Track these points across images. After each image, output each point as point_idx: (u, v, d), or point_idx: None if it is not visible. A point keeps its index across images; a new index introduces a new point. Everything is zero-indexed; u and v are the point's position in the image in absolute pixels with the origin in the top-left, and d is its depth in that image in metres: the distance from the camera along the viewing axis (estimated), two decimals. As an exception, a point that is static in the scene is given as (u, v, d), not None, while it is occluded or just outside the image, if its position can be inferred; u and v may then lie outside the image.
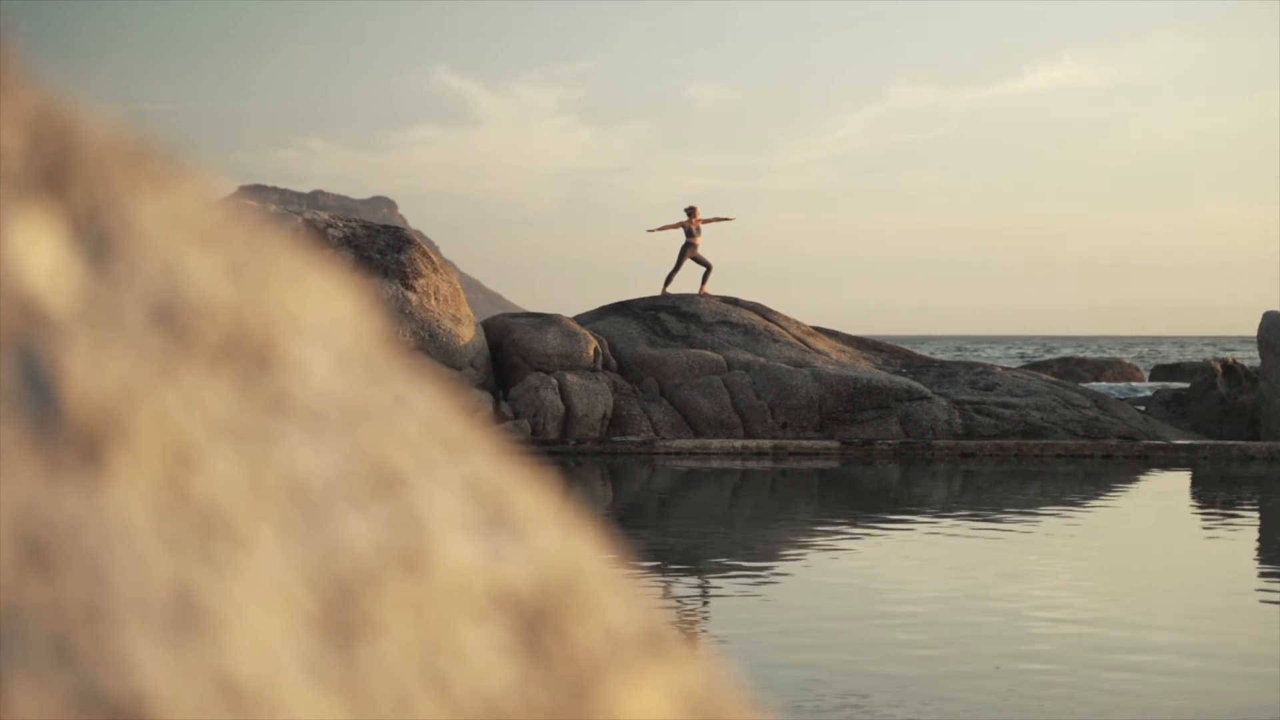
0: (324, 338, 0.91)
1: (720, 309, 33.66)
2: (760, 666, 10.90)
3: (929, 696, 10.07)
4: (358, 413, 0.89)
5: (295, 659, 0.77)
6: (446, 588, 0.85)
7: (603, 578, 0.94)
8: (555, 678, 0.85)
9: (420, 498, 0.88)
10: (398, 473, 0.88)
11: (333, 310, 0.94)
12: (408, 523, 0.86)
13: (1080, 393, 32.45)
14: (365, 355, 0.94)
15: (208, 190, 0.93)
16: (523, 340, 31.42)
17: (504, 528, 0.90)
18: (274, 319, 0.89)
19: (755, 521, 20.90)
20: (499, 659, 0.84)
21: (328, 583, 0.81)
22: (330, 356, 0.91)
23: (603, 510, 22.54)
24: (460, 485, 0.91)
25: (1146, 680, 10.46)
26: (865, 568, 15.75)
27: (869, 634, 12.07)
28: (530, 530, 0.92)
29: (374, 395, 0.91)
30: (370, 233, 32.41)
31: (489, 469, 0.94)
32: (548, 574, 0.90)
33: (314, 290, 0.93)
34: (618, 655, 0.89)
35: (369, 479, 0.86)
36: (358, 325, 0.95)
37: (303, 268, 0.94)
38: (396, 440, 0.90)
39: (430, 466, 0.90)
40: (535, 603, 0.88)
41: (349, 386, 0.90)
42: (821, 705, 9.92)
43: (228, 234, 0.91)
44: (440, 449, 0.93)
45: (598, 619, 0.90)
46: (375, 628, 0.81)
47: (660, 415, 30.99)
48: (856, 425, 30.81)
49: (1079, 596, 14.04)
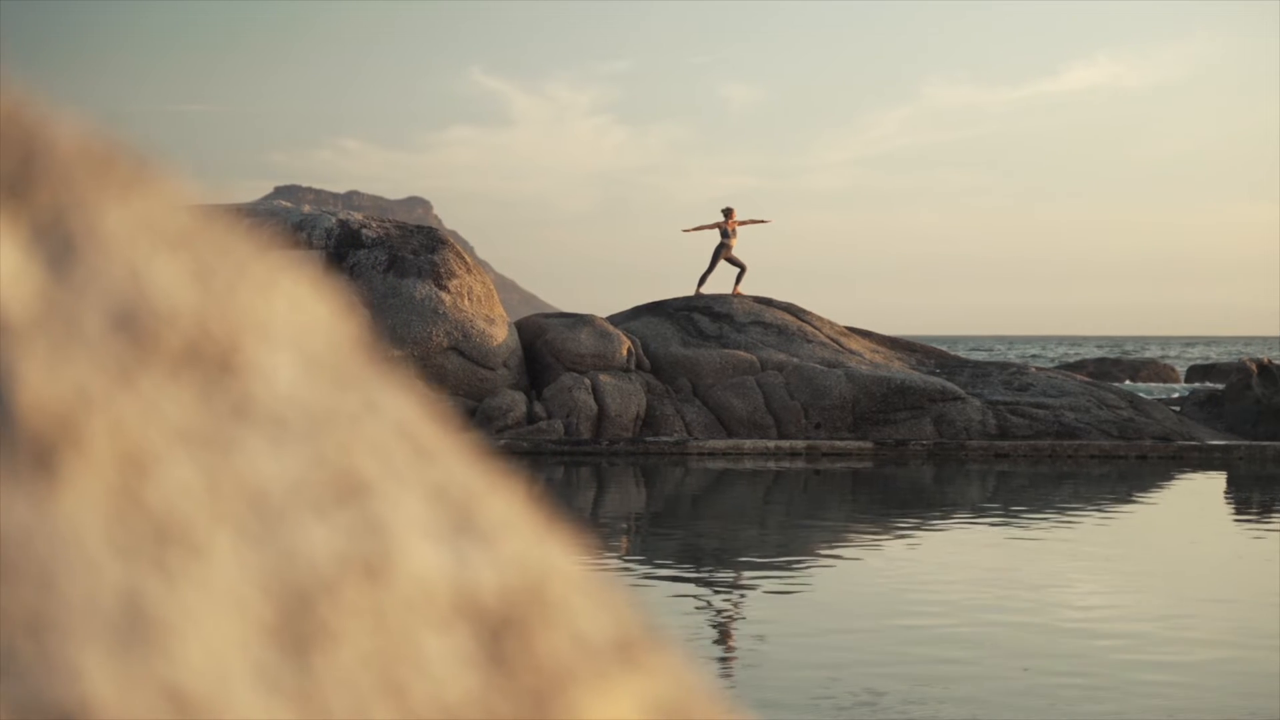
0: (291, 343, 0.91)
1: (754, 309, 33.64)
2: (787, 665, 10.89)
3: (949, 697, 10.04)
4: (323, 419, 0.88)
5: (248, 668, 0.77)
6: (408, 595, 0.84)
7: (574, 585, 0.93)
8: (518, 686, 0.85)
9: (385, 504, 0.87)
10: (362, 479, 0.87)
11: (303, 315, 0.93)
12: (370, 530, 0.85)
13: (1115, 393, 32.36)
14: (335, 361, 0.93)
15: (179, 195, 0.93)
16: (556, 340, 31.43)
17: (471, 535, 0.90)
18: (240, 324, 0.89)
19: (788, 522, 20.87)
20: (460, 667, 0.84)
21: (285, 591, 0.80)
22: (297, 362, 0.90)
23: (635, 511, 22.54)
24: (428, 492, 0.90)
25: (1175, 683, 10.41)
26: (897, 568, 15.72)
27: (896, 634, 12.04)
28: (499, 537, 0.91)
29: (342, 401, 0.91)
30: (404, 233, 32.44)
31: (460, 475, 0.94)
32: (514, 581, 0.89)
33: (284, 295, 0.93)
34: (585, 663, 0.88)
35: (332, 486, 0.86)
36: (329, 330, 0.95)
37: (273, 273, 0.93)
38: (363, 446, 0.89)
39: (398, 473, 0.90)
40: (500, 610, 0.87)
41: (316, 392, 0.90)
42: (839, 704, 9.91)
43: (196, 239, 0.90)
44: (410, 455, 0.92)
45: (565, 627, 0.90)
46: (333, 636, 0.80)
47: (693, 416, 30.97)
48: (890, 426, 30.76)
49: (1111, 598, 13.99)
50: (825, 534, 19.28)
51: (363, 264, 31.28)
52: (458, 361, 30.49)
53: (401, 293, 30.80)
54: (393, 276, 31.06)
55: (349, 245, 31.69)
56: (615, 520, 21.27)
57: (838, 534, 19.23)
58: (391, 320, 30.43)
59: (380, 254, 31.49)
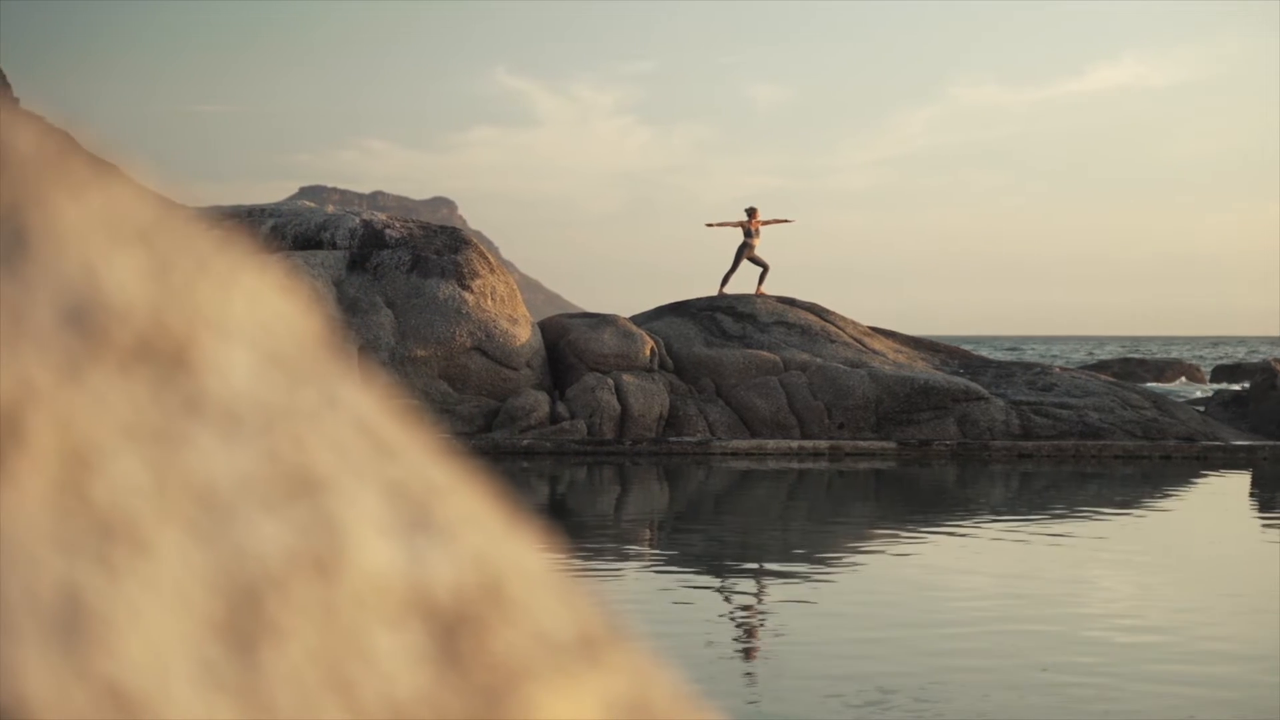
0: (249, 339, 0.90)
1: (777, 309, 33.61)
2: (801, 663, 10.88)
3: (961, 696, 10.03)
4: (279, 415, 0.88)
5: (191, 664, 0.76)
6: (359, 592, 0.84)
7: (535, 583, 0.92)
8: (471, 683, 0.84)
9: (339, 500, 0.86)
10: (317, 475, 0.87)
11: (263, 312, 0.92)
12: (322, 526, 0.84)
13: (1139, 393, 32.28)
14: (295, 357, 0.92)
15: (140, 191, 0.92)
16: (579, 341, 31.43)
17: (429, 531, 0.89)
18: (196, 320, 0.88)
19: (810, 522, 20.84)
20: (410, 664, 0.83)
21: (232, 586, 0.80)
22: (254, 358, 0.90)
23: (658, 511, 22.53)
24: (386, 488, 0.90)
25: (1194, 688, 10.36)
26: (918, 568, 15.69)
27: (913, 633, 12.01)
28: (458, 534, 0.90)
29: (300, 397, 0.90)
30: (428, 233, 32.46)
31: (421, 472, 0.93)
32: (471, 578, 0.89)
33: (244, 292, 0.92)
34: (543, 661, 0.88)
35: (285, 481, 0.85)
36: (291, 327, 0.94)
37: (234, 270, 0.93)
38: (320, 442, 0.89)
39: (355, 469, 0.89)
40: (455, 607, 0.87)
41: (272, 388, 0.89)
42: (849, 701, 9.91)
43: (156, 235, 0.90)
44: (369, 451, 0.91)
45: (524, 625, 0.89)
46: (280, 632, 0.80)
47: (716, 416, 30.95)
48: (913, 426, 30.72)
49: (1133, 600, 13.96)
50: (847, 534, 19.25)
51: (386, 264, 31.31)
52: (481, 361, 30.50)
53: (425, 293, 30.82)
54: (416, 276, 31.09)
55: (372, 245, 31.71)
56: (637, 520, 21.26)
57: (860, 534, 19.21)
58: (415, 320, 30.45)
59: (404, 254, 31.52)
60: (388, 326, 30.38)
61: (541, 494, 24.48)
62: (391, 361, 30.12)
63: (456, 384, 30.42)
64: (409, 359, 30.21)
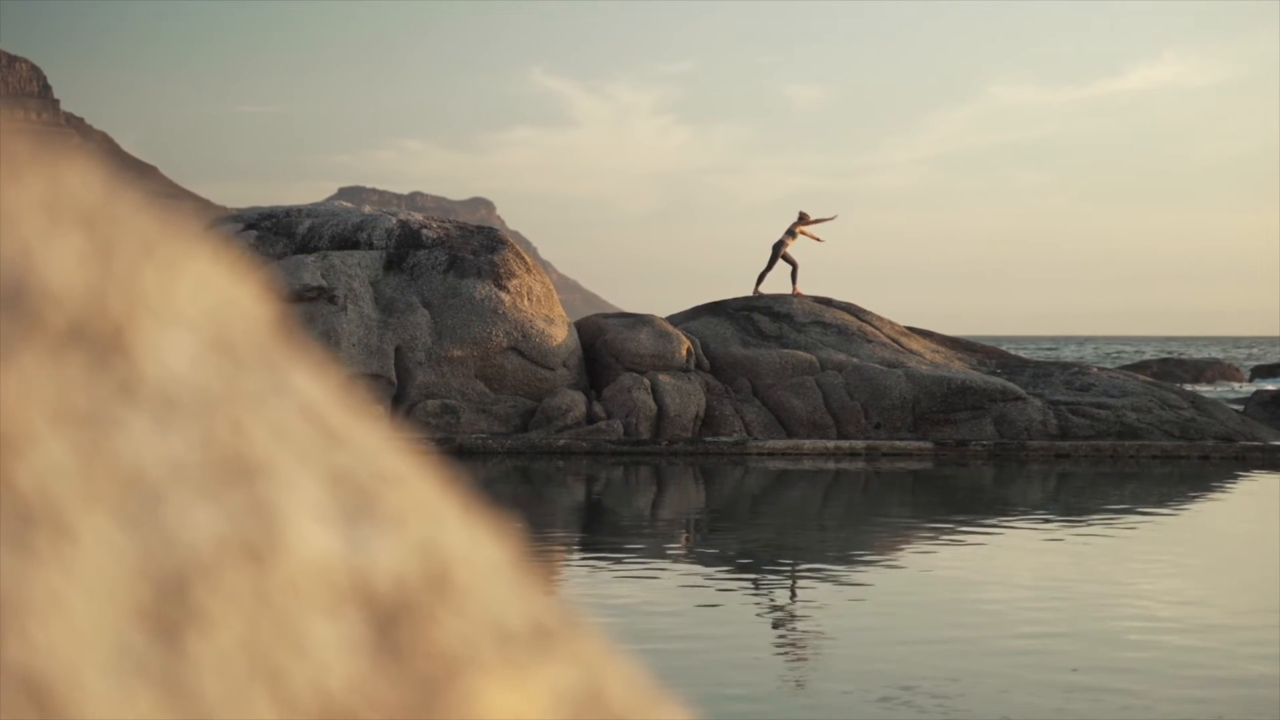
0: (192, 324, 0.89)
1: (813, 309, 33.58)
2: (833, 662, 10.85)
3: (984, 694, 9.99)
4: (219, 400, 0.86)
5: (113, 653, 0.75)
6: (293, 580, 0.82)
7: (485, 574, 0.91)
8: (409, 674, 0.82)
9: (277, 487, 0.85)
10: (256, 462, 0.85)
11: (209, 298, 0.91)
12: (257, 512, 0.83)
13: (1177, 393, 32.15)
14: (241, 344, 0.91)
15: (87, 175, 0.91)
16: (615, 340, 31.42)
17: (370, 520, 0.87)
18: (135, 304, 0.87)
19: (846, 523, 20.80)
20: (345, 653, 0.81)
21: (159, 573, 0.78)
22: (196, 343, 0.88)
23: (694, 511, 22.51)
24: (329, 476, 0.88)
25: (1224, 698, 10.28)
26: (952, 568, 15.65)
27: (944, 632, 11.98)
28: (402, 523, 0.89)
29: (243, 383, 0.89)
30: (464, 233, 32.50)
31: (369, 461, 0.92)
32: (413, 568, 0.87)
33: (190, 277, 0.91)
34: (486, 652, 0.86)
35: (220, 467, 0.84)
36: (239, 313, 0.93)
37: (181, 255, 0.91)
38: (261, 429, 0.87)
39: (298, 456, 0.88)
40: (395, 597, 0.85)
41: (213, 374, 0.88)
42: (866, 697, 9.90)
43: (99, 219, 0.88)
44: (315, 439, 0.90)
45: (469, 616, 0.87)
46: (208, 620, 0.78)
47: (753, 416, 30.93)
48: (950, 426, 30.65)
49: (1168, 600, 13.89)
50: (883, 535, 19.21)
51: (423, 264, 31.34)
52: (517, 361, 30.51)
53: (461, 293, 30.85)
54: (453, 277, 31.12)
55: (409, 246, 31.75)
56: (673, 521, 21.24)
57: (895, 535, 19.16)
58: (451, 320, 30.48)
59: (440, 254, 31.56)
60: (424, 327, 30.41)
61: (578, 494, 24.48)
62: (428, 361, 30.16)
63: (493, 384, 30.45)
64: (445, 359, 30.24)
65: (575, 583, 15.10)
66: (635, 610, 13.05)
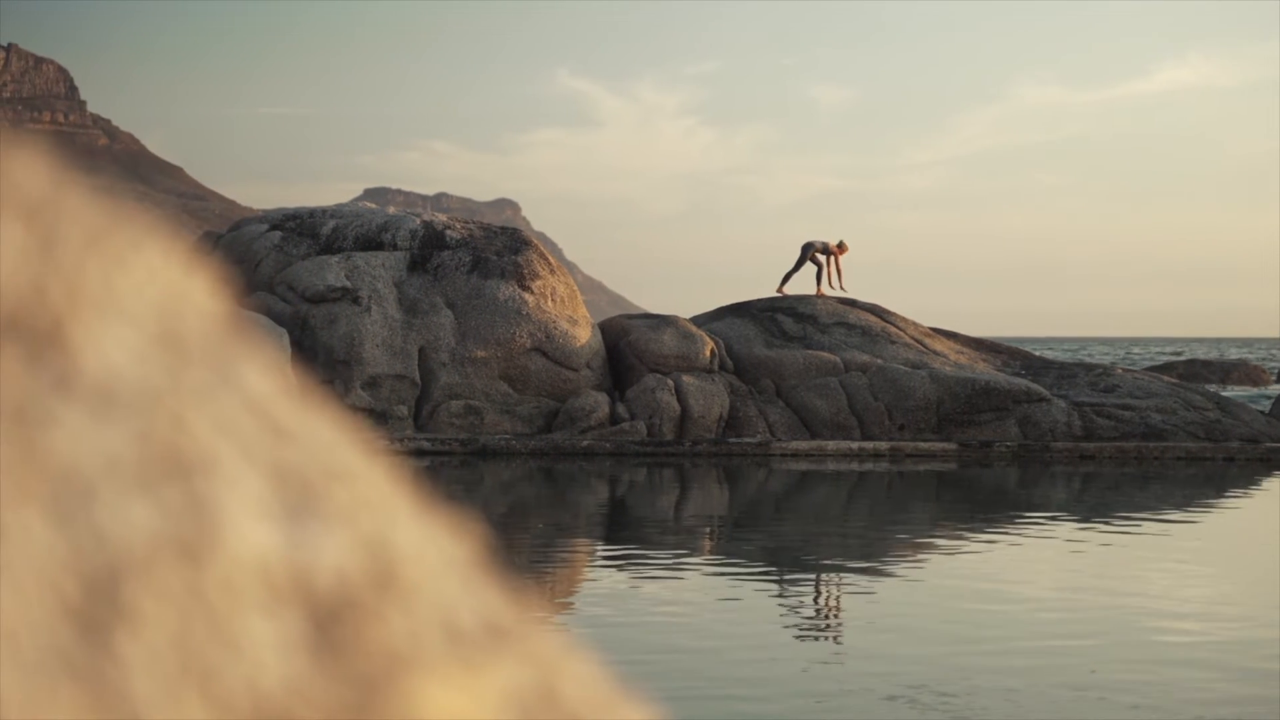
0: (135, 318, 0.87)
1: (837, 310, 33.54)
2: (845, 662, 10.83)
3: (996, 692, 9.96)
4: (160, 395, 0.85)
5: (40, 651, 0.74)
6: (229, 578, 0.80)
7: (435, 572, 0.89)
8: (348, 673, 0.81)
9: (217, 484, 0.83)
10: (196, 457, 0.84)
11: (156, 292, 0.90)
12: (195, 509, 0.81)
13: (1202, 395, 32.06)
14: (188, 338, 0.89)
15: (32, 166, 0.89)
16: (639, 341, 31.41)
17: (315, 517, 0.86)
18: (76, 297, 0.85)
19: (870, 524, 20.76)
20: (281, 652, 0.80)
21: (91, 571, 0.77)
22: (139, 337, 0.87)
23: (718, 512, 22.49)
24: (273, 472, 0.87)
25: (1241, 696, 10.22)
26: (974, 570, 15.60)
27: (962, 634, 11.94)
28: (348, 521, 0.87)
29: (187, 378, 0.87)
30: (488, 234, 32.51)
31: (317, 457, 0.90)
32: (357, 566, 0.86)
33: (138, 270, 0.89)
34: (430, 651, 0.85)
35: (158, 463, 0.82)
36: (188, 308, 0.91)
37: (129, 249, 0.90)
38: (204, 424, 0.86)
39: (242, 452, 0.86)
40: (336, 595, 0.83)
41: (156, 368, 0.86)
42: (878, 695, 9.89)
43: (43, 211, 0.87)
44: (261, 435, 0.88)
45: (415, 615, 0.86)
46: (139, 619, 0.77)
47: (776, 416, 30.89)
48: (974, 427, 30.58)
49: (1189, 602, 13.84)
50: (906, 536, 19.16)
51: (447, 265, 31.36)
52: (541, 362, 30.52)
53: (485, 294, 30.86)
54: (476, 277, 31.13)
55: (433, 246, 31.78)
56: (696, 522, 21.22)
57: (919, 536, 19.12)
58: (475, 321, 30.49)
59: (464, 255, 31.57)
60: (448, 327, 30.42)
61: (601, 495, 24.48)
62: (452, 362, 30.18)
63: (517, 385, 30.45)
64: (469, 360, 30.25)
65: (597, 583, 15.09)
66: (654, 610, 13.03)
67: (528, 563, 16.33)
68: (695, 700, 9.79)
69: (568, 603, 14.14)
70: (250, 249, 31.87)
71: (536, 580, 15.32)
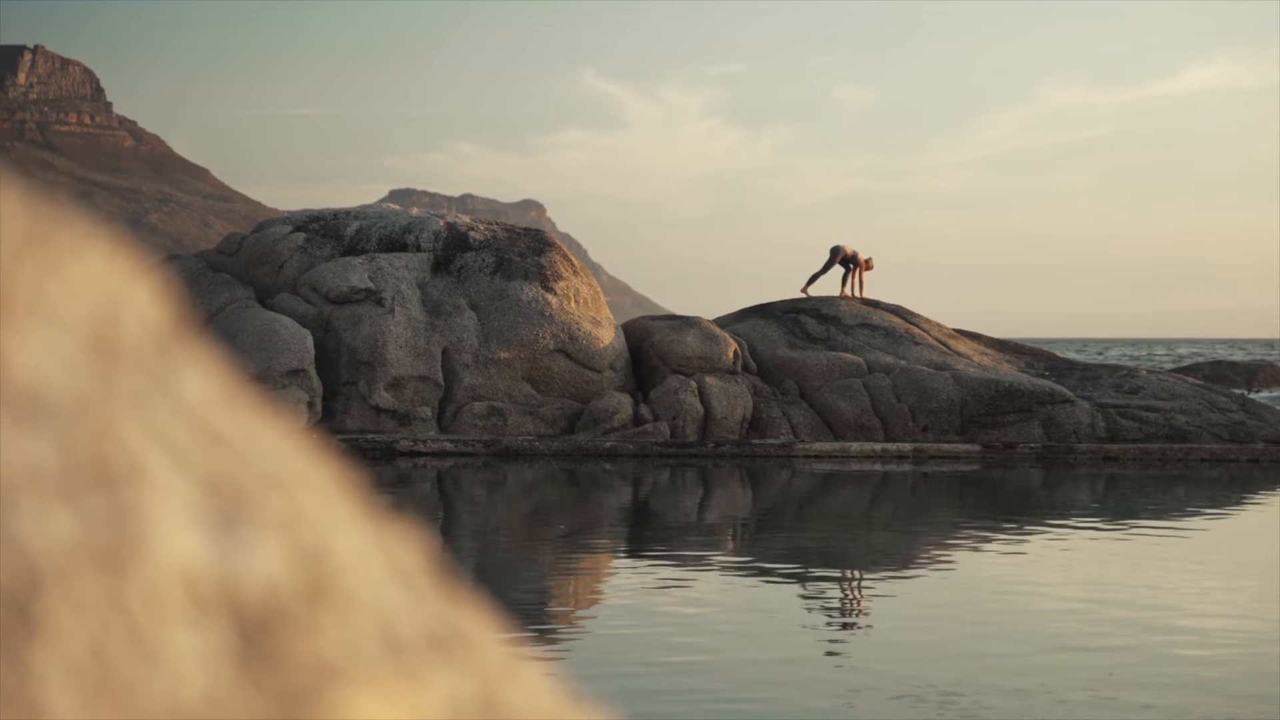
0: (69, 325, 0.86)
1: (861, 311, 33.49)
2: (859, 663, 10.80)
3: (1007, 691, 9.94)
4: (91, 403, 0.84)
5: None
6: (152, 588, 0.79)
7: (375, 582, 0.88)
8: (273, 685, 0.80)
9: (145, 493, 0.82)
10: (125, 466, 0.83)
11: (93, 298, 0.89)
12: (119, 518, 0.80)
13: (1227, 396, 31.96)
14: (126, 345, 0.88)
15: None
16: (662, 343, 31.39)
17: (247, 526, 0.85)
18: (7, 304, 0.84)
19: (892, 526, 20.72)
20: (203, 664, 0.79)
21: (6, 582, 0.76)
22: (72, 344, 0.86)
23: (741, 513, 22.46)
24: (206, 481, 0.86)
25: (1261, 705, 10.17)
26: (996, 572, 15.56)
27: (983, 634, 11.91)
28: (283, 529, 0.86)
29: (122, 386, 0.86)
30: (511, 235, 32.51)
31: (256, 465, 0.89)
32: (289, 576, 0.84)
33: (75, 277, 0.88)
34: (363, 663, 0.83)
35: (84, 472, 0.81)
36: (128, 314, 0.90)
37: (66, 255, 0.89)
38: (136, 432, 0.85)
39: (176, 460, 0.85)
40: (265, 605, 0.82)
41: (89, 376, 0.85)
42: (884, 693, 9.88)
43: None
44: (197, 442, 0.87)
45: (351, 625, 0.85)
46: (56, 631, 0.76)
47: (800, 418, 30.84)
48: (998, 428, 30.51)
49: (1211, 606, 13.79)
50: (928, 538, 19.13)
51: (470, 266, 31.37)
52: (564, 364, 30.51)
53: (508, 295, 30.86)
54: (500, 279, 31.13)
55: (456, 248, 31.79)
56: (720, 523, 21.20)
57: (941, 538, 19.08)
58: (498, 322, 30.49)
59: (487, 256, 31.58)
60: (471, 329, 30.42)
61: (624, 496, 24.46)
62: (475, 364, 30.18)
63: (540, 386, 30.45)
64: (492, 361, 30.25)
65: (619, 583, 15.08)
66: (672, 611, 13.02)
67: (550, 564, 16.33)
68: (708, 702, 9.78)
69: (588, 604, 14.14)
70: (274, 250, 31.90)
71: (558, 581, 15.32)
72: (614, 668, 10.81)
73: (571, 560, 16.90)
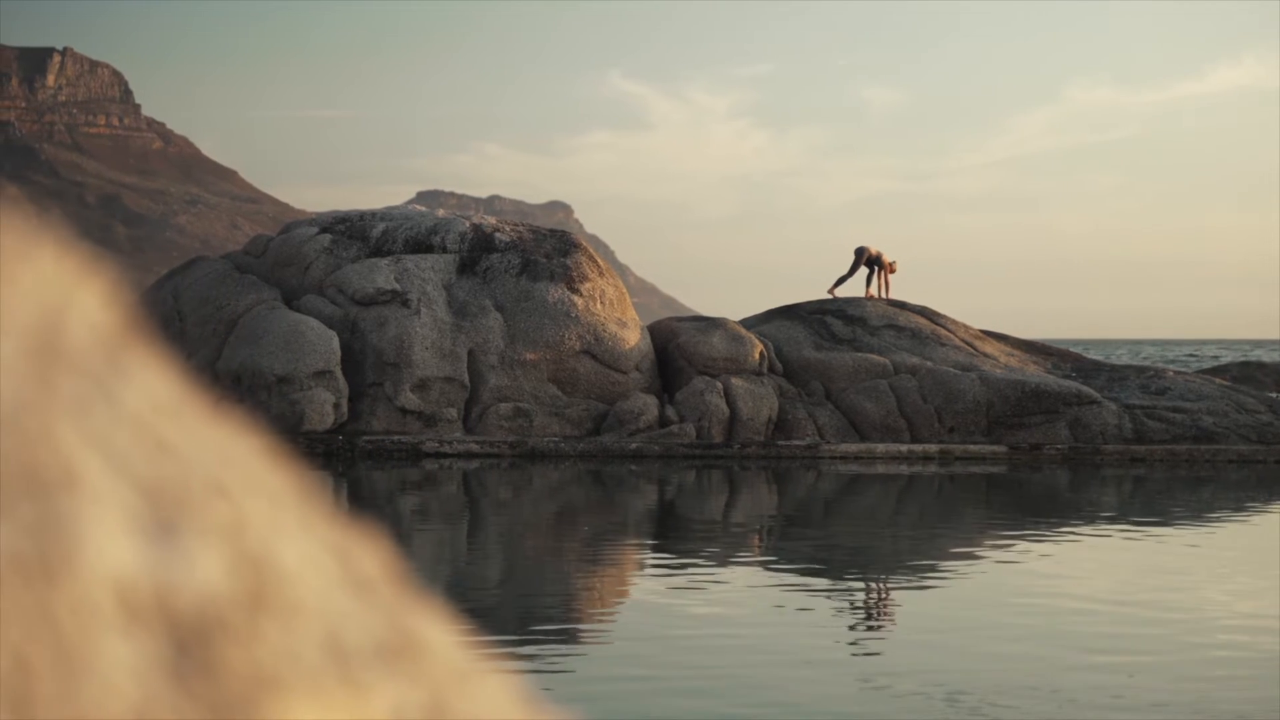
0: (9, 329, 0.85)
1: (887, 312, 33.45)
2: (889, 664, 10.79)
3: (1028, 691, 9.92)
4: (27, 410, 0.83)
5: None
6: (83, 598, 0.78)
7: (322, 590, 0.87)
8: (209, 696, 0.79)
9: (81, 500, 0.81)
10: (60, 472, 0.82)
11: (36, 303, 0.88)
12: (51, 526, 0.79)
13: (1254, 397, 31.86)
14: (70, 350, 0.87)
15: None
16: (688, 344, 31.37)
17: (188, 534, 0.84)
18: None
19: (919, 527, 20.69)
20: (133, 675, 0.78)
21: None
22: (10, 349, 0.85)
23: (767, 514, 22.44)
24: (147, 488, 0.84)
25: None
26: (1023, 573, 15.52)
27: (1006, 635, 11.88)
28: (226, 537, 0.85)
29: (63, 392, 0.85)
30: (537, 237, 32.54)
31: (201, 471, 0.88)
32: (229, 585, 0.83)
33: (17, 282, 0.87)
34: (303, 672, 0.82)
35: (16, 479, 0.80)
36: (72, 319, 0.89)
37: (15, 256, 0.88)
38: (74, 439, 0.84)
39: (116, 467, 0.84)
40: (203, 615, 0.81)
41: (27, 382, 0.84)
42: (895, 692, 9.88)
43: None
44: (139, 449, 0.86)
45: (293, 634, 0.84)
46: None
47: (825, 419, 30.81)
48: (1024, 430, 30.45)
49: (1236, 610, 13.75)
50: (955, 539, 19.10)
51: (496, 268, 31.39)
52: (590, 365, 30.52)
53: (534, 296, 30.88)
54: (525, 280, 31.15)
55: (482, 249, 31.81)
56: (745, 524, 21.18)
57: (967, 540, 19.06)
58: (524, 324, 30.51)
59: (513, 257, 31.60)
60: (497, 330, 30.44)
61: (650, 498, 24.45)
62: (501, 365, 30.19)
63: (566, 387, 30.46)
64: (518, 362, 30.27)
65: (644, 583, 15.08)
66: (697, 615, 13.02)
67: (575, 565, 16.34)
68: (728, 702, 9.78)
69: (612, 605, 14.14)
70: (300, 252, 31.95)
71: (580, 582, 15.32)
72: (632, 669, 10.80)
73: (595, 561, 16.90)
